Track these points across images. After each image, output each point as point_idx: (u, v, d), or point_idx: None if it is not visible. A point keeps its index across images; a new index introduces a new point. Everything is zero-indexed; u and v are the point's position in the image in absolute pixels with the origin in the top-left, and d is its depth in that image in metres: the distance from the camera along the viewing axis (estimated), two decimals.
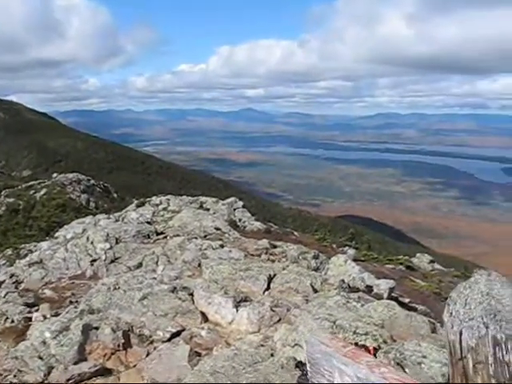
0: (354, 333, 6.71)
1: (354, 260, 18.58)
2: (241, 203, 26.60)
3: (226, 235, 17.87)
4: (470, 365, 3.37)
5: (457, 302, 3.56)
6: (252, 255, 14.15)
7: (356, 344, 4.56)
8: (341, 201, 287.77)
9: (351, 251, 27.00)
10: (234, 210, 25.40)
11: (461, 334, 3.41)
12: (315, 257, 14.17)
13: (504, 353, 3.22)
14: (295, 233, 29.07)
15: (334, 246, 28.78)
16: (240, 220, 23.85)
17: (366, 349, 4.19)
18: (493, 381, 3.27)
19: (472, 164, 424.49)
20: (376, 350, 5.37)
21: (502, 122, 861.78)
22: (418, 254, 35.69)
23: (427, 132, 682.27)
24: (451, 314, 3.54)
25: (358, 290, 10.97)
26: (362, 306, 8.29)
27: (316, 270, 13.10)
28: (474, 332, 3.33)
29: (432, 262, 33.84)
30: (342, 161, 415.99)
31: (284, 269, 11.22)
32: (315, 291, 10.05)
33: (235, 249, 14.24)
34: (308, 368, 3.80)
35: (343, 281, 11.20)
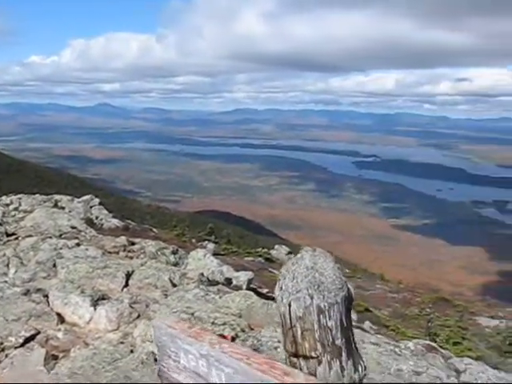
0: (213, 323, 6.85)
1: (214, 254, 18.82)
2: (97, 200, 25.96)
3: (83, 233, 17.36)
4: (299, 332, 3.71)
5: (286, 277, 3.86)
6: (110, 253, 13.88)
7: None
8: (200, 196, 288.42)
9: (211, 245, 27.32)
10: (91, 207, 24.73)
11: (290, 305, 3.73)
12: (174, 252, 14.19)
13: (327, 319, 3.64)
14: (154, 229, 28.89)
15: (194, 240, 28.96)
16: (97, 218, 23.27)
17: (224, 338, 4.29)
18: (318, 344, 3.65)
19: (326, 158, 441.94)
20: (234, 338, 5.52)
21: (352, 118, 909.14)
22: (276, 246, 36.76)
23: (283, 127, 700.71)
24: (281, 288, 3.84)
25: (217, 283, 11.14)
26: (221, 297, 8.45)
27: (175, 265, 13.12)
28: (300, 303, 3.66)
29: (290, 253, 34.95)
30: (200, 156, 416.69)
31: (142, 265, 11.14)
32: (174, 286, 10.07)
33: (92, 247, 13.87)
34: (156, 351, 3.89)
35: (202, 274, 11.33)
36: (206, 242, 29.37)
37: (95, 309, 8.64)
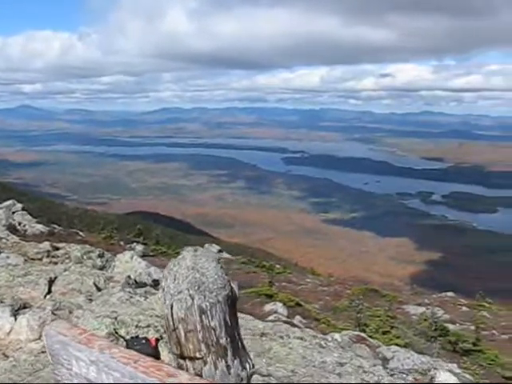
0: (137, 326, 6.70)
1: (143, 256, 18.55)
2: (20, 206, 25.15)
3: (4, 240, 16.73)
4: (182, 334, 3.67)
5: (168, 278, 3.81)
6: (32, 259, 13.41)
7: (137, 337, 4.54)
8: (128, 197, 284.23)
9: (139, 247, 26.96)
10: (13, 213, 23.91)
11: (171, 307, 3.69)
12: (100, 255, 13.87)
13: (210, 319, 3.63)
14: (81, 233, 28.28)
15: (122, 243, 28.52)
16: (20, 224, 22.49)
17: (149, 340, 4.19)
18: (202, 345, 3.64)
19: (254, 155, 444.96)
20: (158, 340, 5.38)
21: (279, 114, 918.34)
22: (206, 245, 36.61)
23: (210, 125, 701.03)
24: (163, 289, 3.78)
25: (144, 285, 10.95)
26: (146, 299, 8.29)
27: (102, 268, 12.83)
28: (182, 304, 3.63)
29: (220, 251, 34.94)
30: (127, 157, 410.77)
31: (66, 270, 10.80)
32: (99, 290, 9.82)
33: (14, 254, 13.36)
34: (50, 360, 3.73)
35: (129, 277, 11.10)
36: (135, 243, 28.98)
37: (16, 318, 8.28)
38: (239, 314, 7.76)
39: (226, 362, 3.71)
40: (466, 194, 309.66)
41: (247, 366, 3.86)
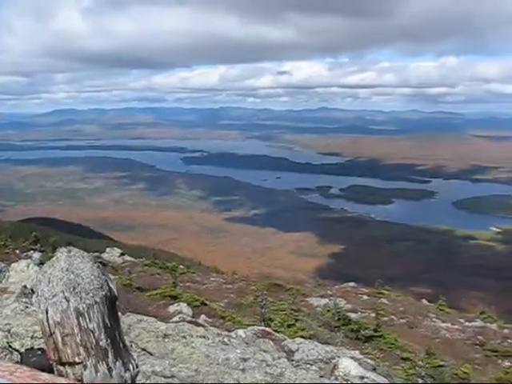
0: (32, 337, 6.44)
1: (40, 263, 17.85)
2: None
3: None
4: (59, 339, 3.62)
5: (42, 282, 3.75)
6: None
7: (32, 348, 4.38)
8: (23, 203, 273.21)
9: (36, 255, 25.97)
10: None
11: (47, 311, 3.63)
12: None
13: (88, 321, 3.59)
14: None
15: (18, 251, 27.38)
16: None
17: (45, 351, 4.04)
18: (81, 349, 3.59)
19: (154, 156, 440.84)
20: None
21: (177, 114, 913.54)
22: (107, 249, 35.88)
23: (107, 127, 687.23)
24: (38, 294, 3.73)
25: None
26: None
27: None
28: (57, 307, 3.58)
29: (122, 254, 34.30)
30: (20, 161, 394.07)
31: None
32: None
33: None
34: None
35: (25, 286, 10.65)
36: (32, 251, 27.91)
37: None
38: (142, 317, 7.65)
39: (108, 365, 3.65)
40: (363, 187, 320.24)
41: (130, 366, 3.81)
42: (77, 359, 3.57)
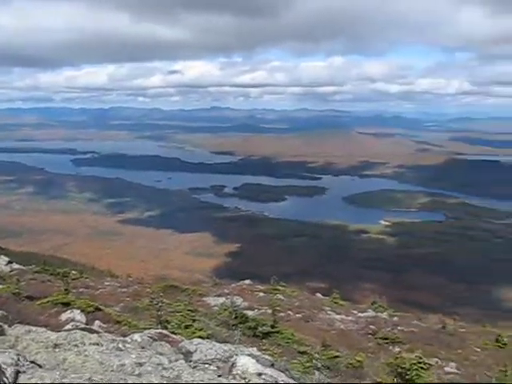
0: None
1: None
2: None
3: None
4: None
5: None
6: None
7: None
8: None
9: None
10: None
11: None
12: None
13: None
14: None
15: None
16: None
17: None
18: None
19: (42, 158, 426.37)
20: None
21: (66, 114, 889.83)
22: None
23: None
24: None
25: None
26: None
27: None
28: None
29: (10, 262, 32.90)
30: None
31: None
32: None
33: None
34: None
35: None
36: None
37: None
38: (31, 328, 7.37)
39: None
40: (256, 185, 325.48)
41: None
42: None
